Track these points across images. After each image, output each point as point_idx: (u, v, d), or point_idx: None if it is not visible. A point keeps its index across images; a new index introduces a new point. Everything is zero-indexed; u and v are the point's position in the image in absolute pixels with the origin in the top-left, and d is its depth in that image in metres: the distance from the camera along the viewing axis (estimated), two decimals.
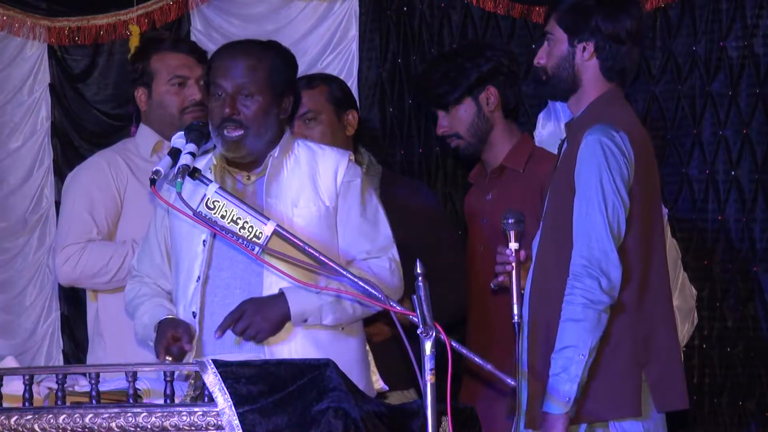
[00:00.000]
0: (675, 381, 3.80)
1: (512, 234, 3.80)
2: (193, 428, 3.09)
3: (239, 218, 3.66)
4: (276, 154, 3.91)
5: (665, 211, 4.96)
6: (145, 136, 4.57)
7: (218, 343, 3.80)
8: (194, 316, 3.83)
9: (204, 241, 3.83)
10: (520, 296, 3.76)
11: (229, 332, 3.80)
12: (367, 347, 4.07)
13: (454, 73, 4.49)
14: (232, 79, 3.84)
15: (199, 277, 3.83)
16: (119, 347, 4.37)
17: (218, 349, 3.78)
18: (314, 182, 3.93)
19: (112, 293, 4.46)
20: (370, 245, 3.96)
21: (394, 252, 3.98)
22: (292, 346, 3.82)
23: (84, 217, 4.43)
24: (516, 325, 3.74)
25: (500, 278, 3.83)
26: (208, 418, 3.09)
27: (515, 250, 3.79)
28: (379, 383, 4.04)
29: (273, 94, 3.87)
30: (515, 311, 3.74)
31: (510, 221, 3.80)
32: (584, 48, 3.84)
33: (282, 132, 3.93)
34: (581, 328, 3.61)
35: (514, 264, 3.77)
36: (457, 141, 4.55)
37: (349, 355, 3.91)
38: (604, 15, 3.83)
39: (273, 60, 3.90)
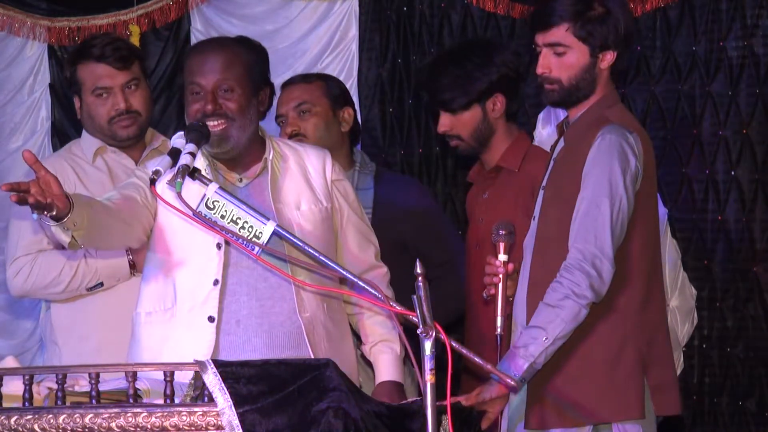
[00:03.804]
0: (671, 386, 3.81)
1: (502, 246, 3.83)
2: (193, 428, 3.09)
3: (239, 218, 3.66)
4: (270, 157, 3.91)
5: (665, 210, 4.97)
6: (87, 141, 4.51)
7: (229, 347, 3.80)
8: (211, 321, 3.80)
9: (219, 244, 3.82)
10: (506, 308, 3.79)
11: (239, 333, 3.81)
12: None
13: (463, 80, 4.45)
14: (209, 75, 3.82)
15: (216, 281, 3.82)
16: (74, 355, 4.32)
17: (230, 352, 3.79)
18: (309, 183, 3.94)
19: (64, 301, 4.43)
20: (374, 248, 4.04)
21: (379, 255, 4.08)
22: (321, 348, 3.84)
23: (33, 227, 4.35)
24: (498, 338, 3.77)
25: (492, 290, 3.85)
26: (208, 418, 3.09)
27: (504, 262, 3.81)
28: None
29: (251, 87, 3.87)
30: (498, 323, 3.78)
31: (501, 233, 3.82)
32: (604, 56, 3.82)
33: (258, 126, 3.94)
34: (555, 314, 3.61)
35: (501, 276, 3.80)
36: (458, 142, 4.54)
37: (351, 353, 3.98)
38: (624, 23, 3.81)
39: (247, 54, 3.90)
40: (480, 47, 4.60)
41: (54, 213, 3.40)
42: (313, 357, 3.78)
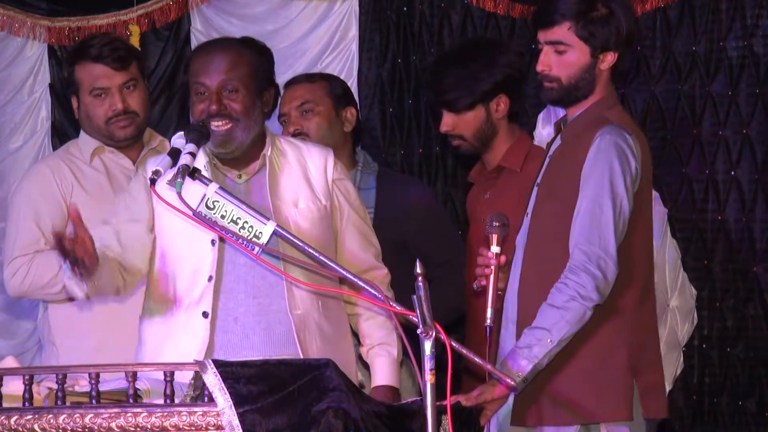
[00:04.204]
0: (660, 389, 3.81)
1: (494, 237, 3.84)
2: (193, 428, 3.09)
3: (239, 218, 3.66)
4: (269, 153, 3.91)
5: (665, 210, 4.97)
6: (85, 141, 4.51)
7: (227, 344, 3.80)
8: (206, 317, 3.81)
9: (213, 240, 3.83)
10: (496, 300, 3.80)
11: (236, 331, 3.81)
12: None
13: (469, 81, 4.45)
14: (214, 75, 3.83)
15: (210, 277, 3.83)
16: (72, 355, 4.31)
17: (228, 350, 3.79)
18: (308, 181, 3.94)
19: (61, 302, 4.42)
20: (375, 249, 4.03)
21: (380, 258, 4.06)
22: (313, 347, 3.84)
23: (30, 228, 4.34)
24: (488, 329, 3.78)
25: (483, 281, 3.86)
26: (208, 418, 3.09)
27: (496, 254, 3.81)
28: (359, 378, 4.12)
29: (255, 88, 3.87)
30: (489, 314, 3.78)
31: (494, 225, 3.83)
32: (605, 57, 3.82)
33: (263, 125, 3.94)
34: (560, 315, 3.61)
35: (493, 267, 3.81)
36: (460, 142, 4.55)
37: (350, 353, 3.98)
38: (627, 23, 3.81)
39: (252, 55, 3.91)
40: (485, 47, 4.60)
41: (83, 270, 3.58)
42: (302, 355, 3.78)
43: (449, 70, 4.50)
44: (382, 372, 3.93)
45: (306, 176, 3.95)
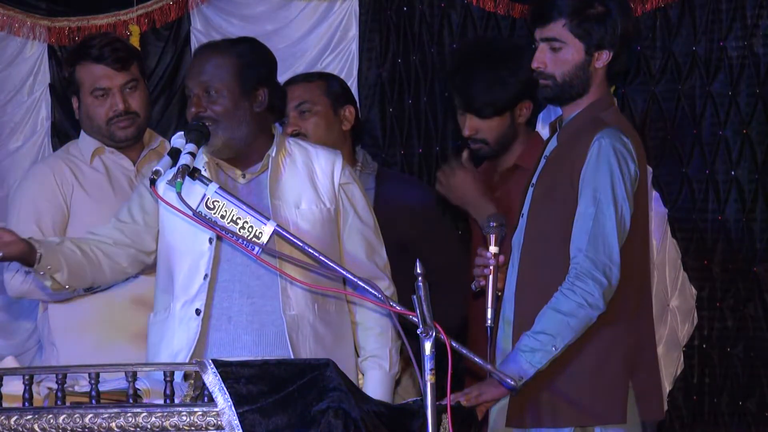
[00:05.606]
0: (656, 391, 3.81)
1: (493, 237, 3.86)
2: (193, 428, 3.09)
3: (239, 218, 3.67)
4: (273, 154, 3.91)
5: (665, 210, 4.97)
6: (85, 142, 4.51)
7: (219, 343, 3.81)
8: (198, 314, 3.82)
9: (210, 239, 3.83)
10: (496, 301, 3.80)
11: (229, 330, 3.81)
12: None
13: (499, 87, 4.43)
14: (197, 78, 3.88)
15: (206, 275, 3.83)
16: (72, 355, 4.31)
17: (220, 349, 3.80)
18: (313, 183, 3.94)
19: (61, 302, 4.41)
20: (381, 260, 4.03)
21: (388, 272, 4.04)
22: (306, 348, 3.83)
23: (31, 229, 4.32)
24: (489, 329, 3.79)
25: (482, 282, 3.87)
26: (208, 418, 3.09)
27: (494, 253, 3.82)
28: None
29: (241, 88, 3.87)
30: (489, 315, 3.79)
31: (492, 225, 3.84)
32: (599, 55, 3.82)
33: (264, 125, 3.93)
34: (566, 322, 3.61)
35: (492, 268, 3.81)
36: (482, 146, 4.53)
37: (350, 358, 3.96)
38: (623, 23, 3.81)
39: (240, 54, 3.91)
40: (510, 51, 4.57)
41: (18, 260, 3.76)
42: (293, 356, 3.78)
43: (477, 74, 4.47)
44: (373, 386, 3.93)
45: (311, 178, 3.95)
